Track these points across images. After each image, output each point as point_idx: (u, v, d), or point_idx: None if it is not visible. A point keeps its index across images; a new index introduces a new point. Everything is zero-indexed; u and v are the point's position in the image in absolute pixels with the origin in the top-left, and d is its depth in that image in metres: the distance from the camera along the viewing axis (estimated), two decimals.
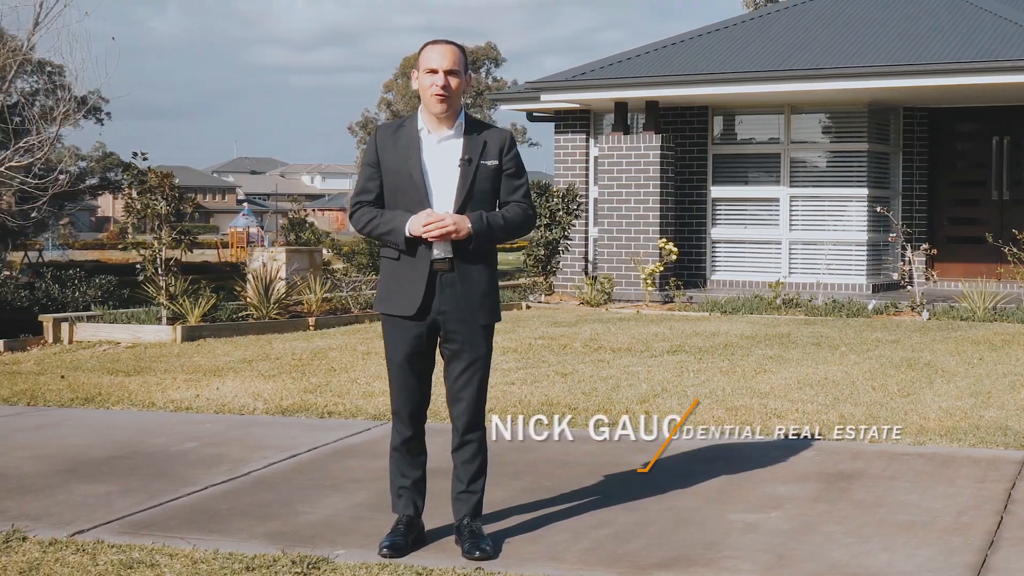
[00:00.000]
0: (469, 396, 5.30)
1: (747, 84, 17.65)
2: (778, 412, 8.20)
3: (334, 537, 5.51)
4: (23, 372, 11.03)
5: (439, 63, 5.17)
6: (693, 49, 19.09)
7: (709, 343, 11.97)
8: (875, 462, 6.76)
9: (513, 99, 21.80)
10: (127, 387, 9.82)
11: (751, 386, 9.27)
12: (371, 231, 5.25)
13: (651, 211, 18.53)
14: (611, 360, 10.86)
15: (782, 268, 18.85)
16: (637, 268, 18.26)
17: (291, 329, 14.31)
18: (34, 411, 9.03)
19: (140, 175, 13.92)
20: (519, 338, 12.67)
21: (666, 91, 18.15)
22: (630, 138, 18.69)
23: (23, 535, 5.58)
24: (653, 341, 12.23)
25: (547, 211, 18.99)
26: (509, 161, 5.31)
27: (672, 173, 18.88)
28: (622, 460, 6.94)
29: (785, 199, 18.96)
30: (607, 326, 13.93)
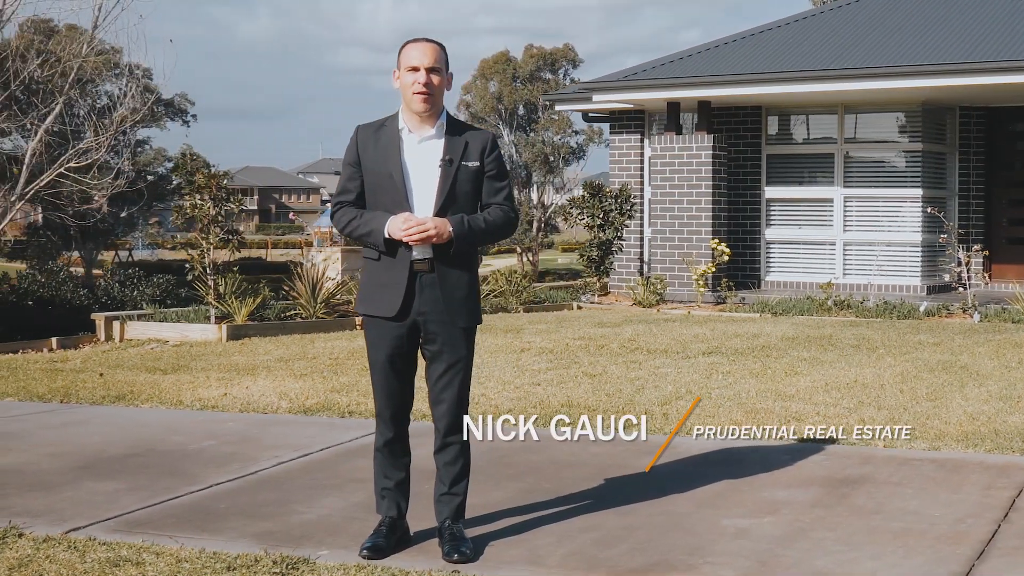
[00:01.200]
0: (450, 398, 5.24)
1: (799, 83, 17.41)
2: (798, 415, 8.05)
3: (322, 537, 5.48)
4: (66, 369, 11.16)
5: (421, 61, 5.11)
6: (745, 49, 18.88)
7: (747, 345, 11.81)
8: (884, 467, 6.60)
9: (567, 99, 21.71)
10: (160, 385, 9.89)
11: (777, 388, 9.11)
12: (351, 232, 5.20)
13: (703, 212, 18.35)
14: (644, 361, 10.74)
15: (836, 269, 18.58)
16: (689, 269, 18.09)
17: (337, 328, 14.34)
18: (66, 408, 9.11)
19: (189, 175, 14.01)
20: (558, 339, 12.59)
21: (717, 91, 17.97)
22: (682, 138, 18.52)
23: (20, 531, 5.61)
24: (691, 342, 12.09)
25: (600, 212, 18.89)
26: (491, 163, 5.23)
27: (725, 173, 18.69)
28: (628, 462, 6.84)
29: (839, 200, 18.67)
30: (650, 327, 13.80)
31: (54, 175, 16.50)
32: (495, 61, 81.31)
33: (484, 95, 73.45)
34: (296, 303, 14.90)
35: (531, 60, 78.71)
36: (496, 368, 10.42)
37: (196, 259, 14.11)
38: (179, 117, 67.49)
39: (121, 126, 16.73)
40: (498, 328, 13.91)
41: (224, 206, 13.68)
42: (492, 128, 79.84)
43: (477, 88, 79.72)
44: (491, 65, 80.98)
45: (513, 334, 13.23)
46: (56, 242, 56.84)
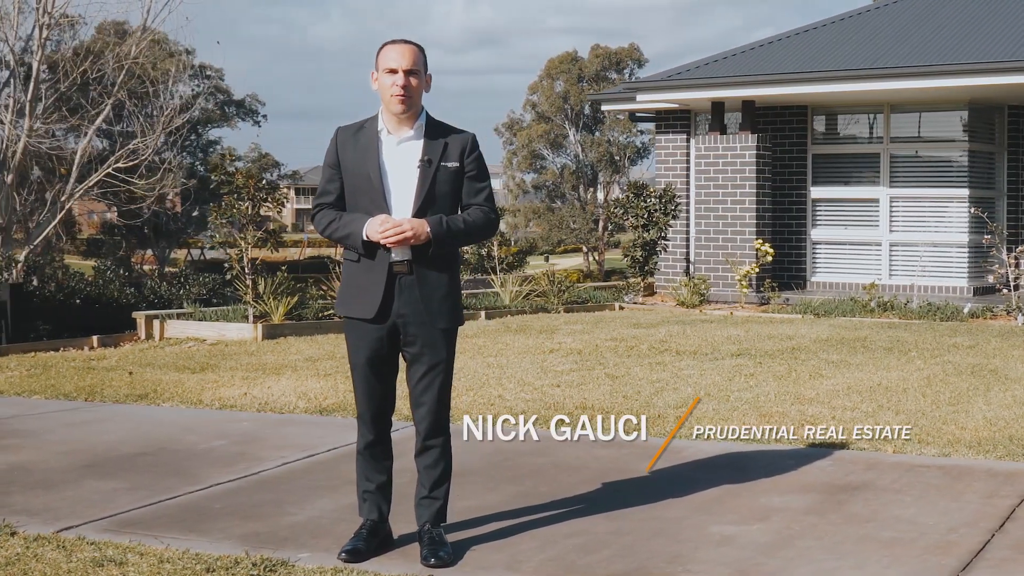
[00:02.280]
0: (430, 401, 5.19)
1: (844, 83, 17.18)
2: (813, 419, 7.91)
3: (306, 539, 5.45)
4: (98, 368, 11.24)
5: (398, 62, 5.06)
6: (789, 48, 18.67)
7: (778, 347, 11.65)
8: (888, 474, 6.46)
9: (613, 99, 21.59)
10: (184, 384, 9.93)
11: (797, 392, 8.97)
12: (331, 234, 5.17)
13: (747, 212, 18.17)
14: (670, 363, 10.63)
15: (882, 270, 18.31)
16: (732, 269, 17.92)
17: None
18: (89, 407, 9.17)
19: (228, 176, 14.08)
20: (590, 340, 12.50)
21: (761, 90, 17.78)
22: (726, 138, 18.35)
23: (13, 529, 5.63)
24: (722, 344, 11.96)
25: (644, 211, 18.77)
26: (471, 163, 5.17)
27: (769, 173, 18.49)
28: (630, 466, 6.76)
29: (885, 200, 18.41)
30: (685, 328, 13.67)
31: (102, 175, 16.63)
32: (561, 61, 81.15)
33: (550, 95, 73.31)
34: (333, 302, 14.90)
35: (596, 60, 78.47)
36: (520, 369, 10.36)
37: (234, 258, 14.18)
38: (250, 117, 68.04)
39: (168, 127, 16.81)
40: (532, 328, 13.85)
41: (262, 205, 13.71)
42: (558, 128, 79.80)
43: (543, 88, 79.56)
44: (557, 65, 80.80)
45: (546, 335, 13.17)
46: (131, 240, 57.60)
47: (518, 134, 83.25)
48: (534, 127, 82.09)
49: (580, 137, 79.13)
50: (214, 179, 13.60)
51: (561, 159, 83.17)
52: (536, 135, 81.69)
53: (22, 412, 8.89)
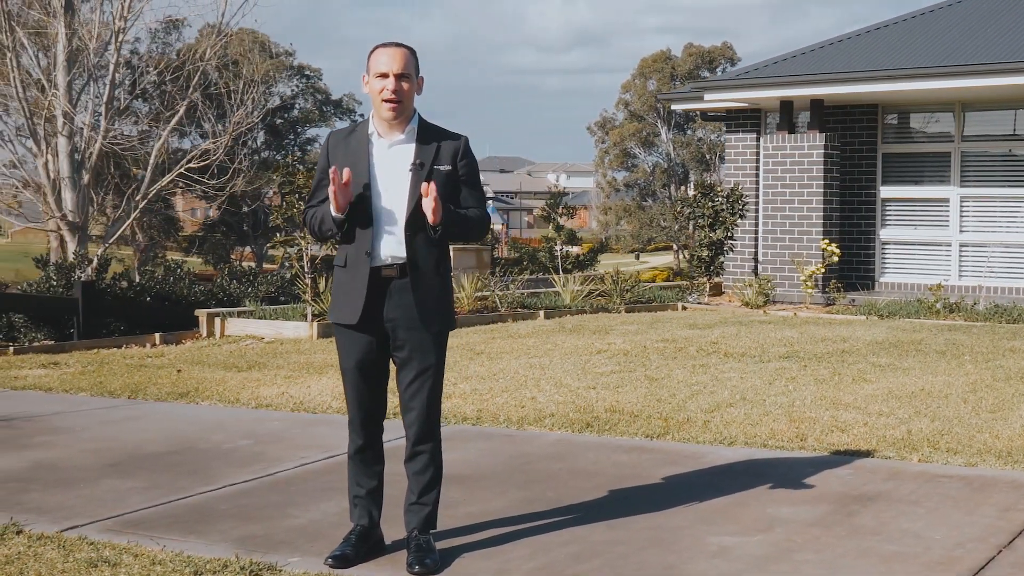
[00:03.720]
0: (419, 406, 5.09)
1: (913, 80, 16.78)
2: (843, 426, 7.69)
3: (302, 543, 5.39)
4: (150, 365, 11.33)
5: (389, 66, 4.97)
6: (858, 46, 18.29)
7: (828, 349, 11.39)
8: (906, 484, 6.24)
9: (682, 99, 21.34)
10: (226, 383, 9.96)
11: (835, 396, 8.74)
12: (314, 229, 5.10)
13: (814, 211, 17.84)
14: (714, 365, 10.44)
15: (951, 271, 17.87)
16: (798, 270, 17.61)
17: None
18: (129, 404, 9.22)
19: (289, 175, 14.11)
20: (641, 341, 12.33)
21: (829, 89, 17.44)
22: (794, 137, 18.03)
23: (19, 528, 5.65)
24: (773, 346, 11.72)
25: (711, 211, 18.52)
26: (463, 167, 5.07)
27: (837, 172, 18.13)
28: (647, 472, 6.61)
29: (955, 199, 17.96)
30: (741, 329, 13.44)
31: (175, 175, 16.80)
32: (654, 60, 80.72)
33: (643, 94, 73.01)
34: None
35: (689, 59, 77.92)
36: (561, 370, 10.24)
37: (294, 257, 14.22)
38: (347, 116, 68.61)
39: (237, 128, 16.93)
40: (586, 329, 13.71)
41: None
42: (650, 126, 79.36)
43: (636, 87, 79.24)
44: (650, 64, 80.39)
45: (599, 335, 13.02)
46: (231, 237, 58.34)
47: (610, 133, 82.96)
48: (626, 126, 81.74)
49: (671, 136, 78.61)
50: (274, 178, 13.61)
51: (652, 157, 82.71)
52: (628, 134, 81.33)
53: (64, 409, 8.97)
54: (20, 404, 9.17)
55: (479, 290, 16.53)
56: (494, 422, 8.14)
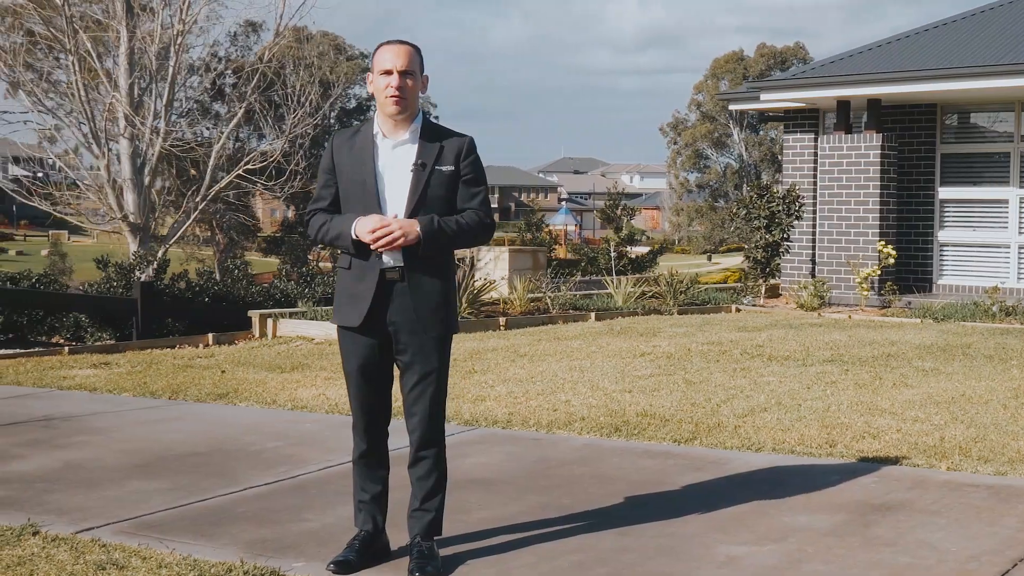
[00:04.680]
0: (421, 411, 5.01)
1: (973, 79, 16.45)
2: (875, 432, 7.51)
3: (310, 548, 5.34)
4: (196, 366, 11.37)
5: (394, 63, 4.89)
6: (916, 45, 17.95)
7: (874, 352, 11.17)
8: (930, 493, 6.06)
9: (739, 99, 21.10)
10: (266, 384, 9.97)
11: (872, 402, 8.55)
12: (322, 238, 5.03)
13: (870, 213, 17.55)
14: (755, 369, 10.27)
15: (1010, 273, 17.49)
16: (853, 272, 17.32)
17: (480, 329, 14.24)
18: (168, 405, 9.25)
19: None
20: (686, 343, 12.18)
21: (886, 88, 17.14)
22: (851, 137, 17.75)
23: (36, 529, 5.65)
24: (818, 349, 11.51)
25: (767, 212, 18.28)
26: (467, 167, 4.98)
27: (894, 173, 17.82)
28: (670, 478, 6.49)
29: (1015, 201, 17.58)
30: (789, 332, 13.24)
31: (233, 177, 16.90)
32: (726, 60, 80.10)
33: (715, 94, 72.69)
34: None
35: (761, 59, 77.20)
36: (599, 373, 10.13)
37: None
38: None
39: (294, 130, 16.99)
40: (634, 331, 13.58)
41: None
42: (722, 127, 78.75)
43: (708, 87, 78.70)
44: (722, 64, 79.74)
45: (646, 337, 12.89)
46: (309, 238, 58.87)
47: (682, 134, 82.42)
48: (698, 127, 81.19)
49: (744, 136, 77.94)
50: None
51: (724, 158, 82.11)
52: (700, 134, 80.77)
53: (104, 410, 9.01)
54: (63, 404, 9.23)
55: (531, 292, 16.46)
56: (524, 425, 8.05)
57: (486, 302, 15.61)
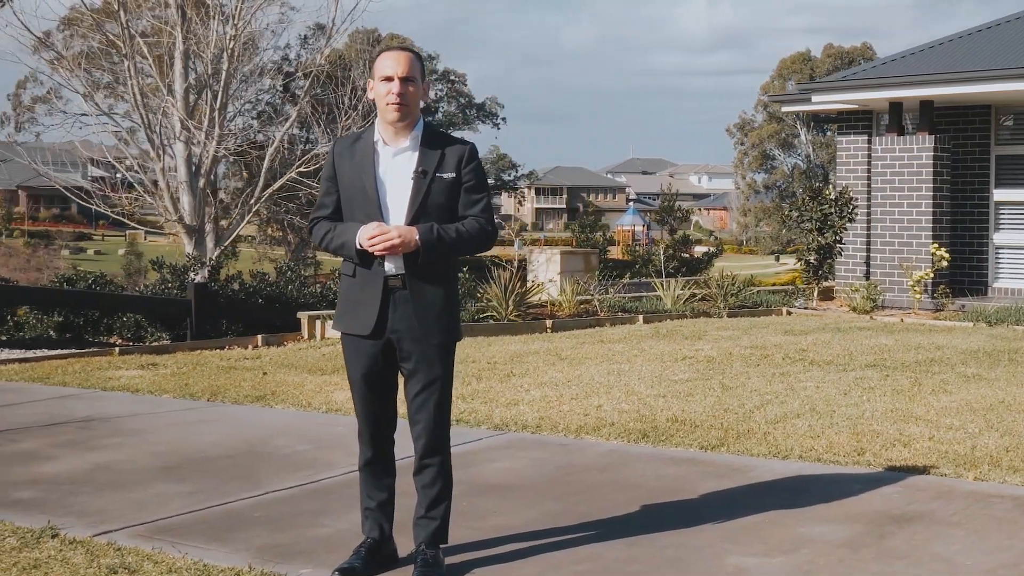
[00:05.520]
0: (425, 419, 4.95)
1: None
2: (906, 440, 7.35)
3: (320, 554, 5.31)
4: (240, 367, 11.41)
5: (394, 69, 4.85)
6: (970, 45, 17.63)
7: (919, 357, 10.97)
8: (953, 504, 5.91)
9: (791, 100, 20.85)
10: (304, 387, 9.97)
11: (908, 409, 8.38)
12: (326, 246, 5.00)
13: (923, 215, 17.26)
14: (794, 373, 10.11)
15: None
16: (906, 274, 17.05)
17: (526, 331, 14.18)
18: (206, 407, 9.28)
19: None
20: (730, 347, 12.04)
21: (939, 89, 16.84)
22: (903, 139, 17.47)
23: (55, 531, 5.67)
24: (862, 354, 11.33)
25: (819, 215, 18.04)
26: (468, 174, 4.92)
27: (948, 175, 17.51)
28: (690, 486, 6.39)
29: None
30: (836, 336, 13.04)
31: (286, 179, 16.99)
32: (793, 61, 79.40)
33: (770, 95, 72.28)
34: (488, 305, 14.82)
35: (828, 60, 76.47)
36: (636, 377, 10.03)
37: None
38: (489, 120, 69.09)
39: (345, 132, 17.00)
40: (679, 334, 13.45)
41: None
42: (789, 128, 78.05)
43: (775, 88, 78.11)
44: (789, 65, 79.06)
45: (690, 341, 12.76)
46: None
47: (749, 134, 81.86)
48: (765, 127, 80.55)
49: (811, 137, 77.24)
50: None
51: (791, 159, 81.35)
52: (766, 135, 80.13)
53: (143, 411, 9.06)
54: (104, 405, 9.30)
55: (579, 294, 16.37)
56: (553, 431, 7.98)
57: (533, 304, 15.54)
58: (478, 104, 69.12)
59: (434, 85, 68.22)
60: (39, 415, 8.84)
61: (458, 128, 68.02)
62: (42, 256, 62.45)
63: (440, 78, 68.70)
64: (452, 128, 67.85)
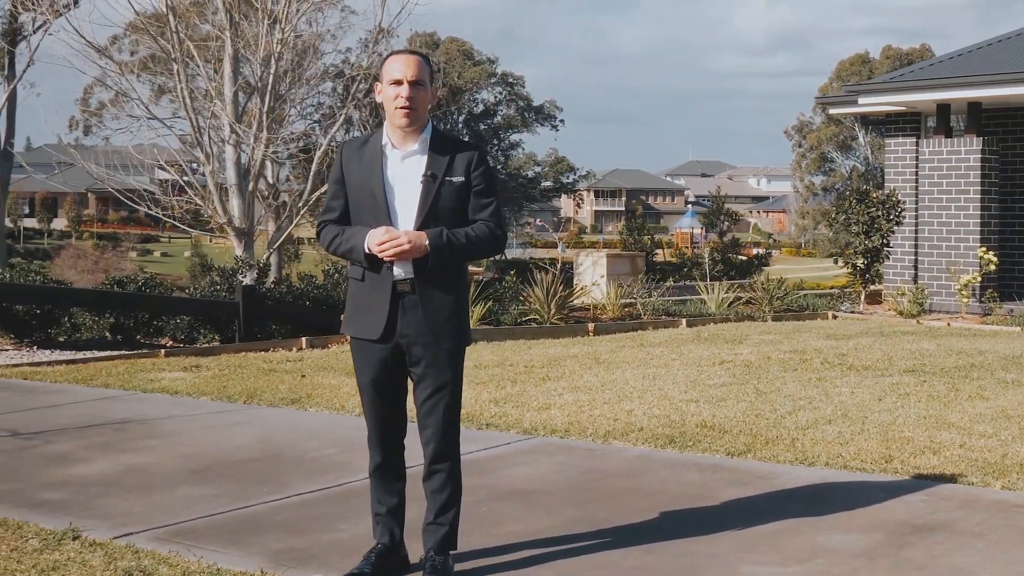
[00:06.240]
0: (435, 424, 4.90)
1: None
2: (936, 447, 7.21)
3: (333, 559, 5.28)
4: (279, 370, 11.43)
5: (403, 73, 4.80)
6: (1018, 46, 17.33)
7: (958, 362, 10.77)
8: (977, 514, 5.77)
9: (837, 102, 20.61)
10: (340, 389, 9.96)
11: (941, 415, 8.22)
12: (335, 250, 4.96)
13: (971, 218, 16.98)
14: (831, 379, 9.97)
15: None
16: (953, 278, 16.78)
17: (568, 334, 14.11)
18: (241, 409, 9.30)
19: None
20: (768, 351, 11.89)
21: (988, 91, 16.58)
22: (951, 142, 17.20)
23: (77, 534, 5.68)
24: (902, 359, 11.15)
25: (866, 218, 17.81)
26: (477, 178, 4.86)
27: (996, 178, 17.22)
28: (712, 493, 6.30)
29: None
30: (878, 340, 12.85)
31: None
32: (851, 63, 78.71)
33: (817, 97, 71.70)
34: (531, 309, 14.76)
35: (887, 62, 75.72)
36: (671, 382, 9.93)
37: None
38: (547, 122, 69.01)
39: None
40: (721, 338, 13.32)
41: None
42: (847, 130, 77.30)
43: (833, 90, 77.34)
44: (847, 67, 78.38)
45: (731, 345, 12.62)
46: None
47: (807, 136, 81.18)
48: (823, 129, 79.84)
49: (869, 139, 76.49)
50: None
51: (850, 161, 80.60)
52: (825, 137, 79.41)
53: (179, 413, 9.09)
54: (142, 407, 9.34)
55: (623, 297, 16.27)
56: (581, 435, 7.91)
57: (577, 307, 15.46)
58: (536, 107, 69.05)
59: (492, 88, 68.17)
60: (78, 416, 8.90)
61: (516, 131, 67.95)
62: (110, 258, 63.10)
63: (498, 81, 68.68)
64: (511, 131, 67.80)
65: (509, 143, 68.50)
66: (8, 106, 36.91)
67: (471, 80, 65.43)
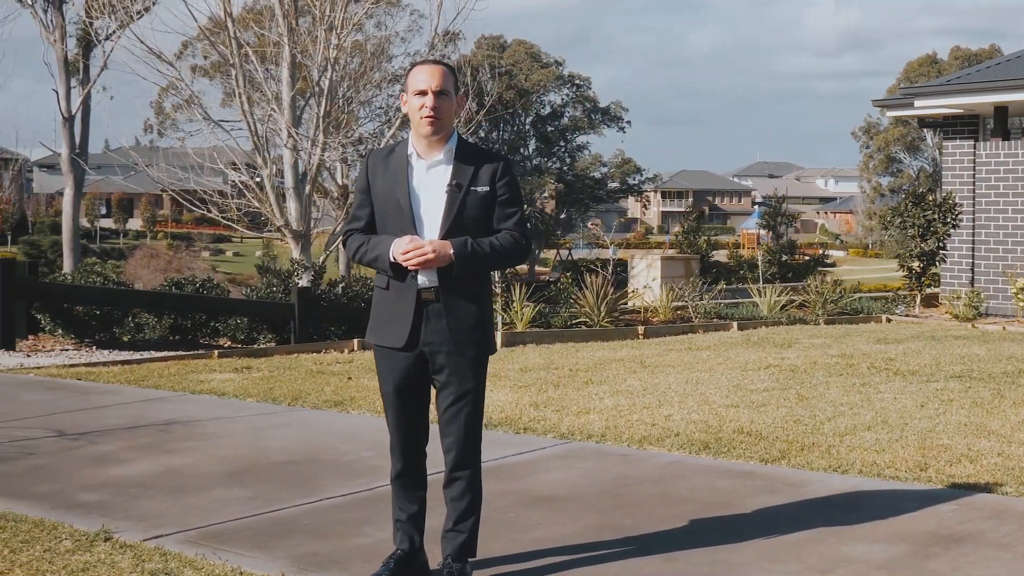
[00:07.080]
0: (456, 432, 4.87)
1: None
2: (974, 456, 7.06)
3: (355, 564, 5.27)
4: (326, 372, 11.47)
5: (428, 83, 4.78)
6: None
7: (1007, 368, 10.57)
8: (1007, 524, 5.64)
9: (893, 105, 20.33)
10: None
11: (983, 423, 8.06)
12: (360, 258, 4.95)
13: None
14: (875, 384, 9.81)
15: None
16: (1009, 282, 16.48)
17: (618, 337, 14.04)
18: (284, 411, 9.34)
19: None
20: (816, 356, 11.74)
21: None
22: (1008, 144, 16.91)
23: (108, 535, 5.72)
24: (950, 364, 10.95)
25: (922, 221, 17.55)
26: (502, 187, 4.83)
27: None
28: (740, 501, 6.21)
29: None
30: (928, 344, 12.64)
31: None
32: (919, 64, 77.73)
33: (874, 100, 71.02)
34: (581, 311, 14.70)
35: (955, 62, 74.75)
36: (713, 386, 9.83)
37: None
38: (614, 124, 68.82)
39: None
40: (770, 342, 13.18)
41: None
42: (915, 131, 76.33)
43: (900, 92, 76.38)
44: (915, 68, 77.42)
45: (779, 349, 12.48)
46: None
47: (874, 138, 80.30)
48: (890, 131, 78.94)
49: (936, 140, 75.55)
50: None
51: (917, 162, 79.57)
52: (892, 139, 78.51)
53: (224, 415, 9.14)
54: (188, 409, 9.41)
55: (675, 300, 16.16)
56: (617, 440, 7.85)
57: (628, 310, 15.38)
58: (603, 108, 68.86)
59: (559, 90, 68.01)
60: (125, 417, 8.99)
61: (583, 132, 67.79)
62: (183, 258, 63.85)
63: (565, 83, 68.55)
64: (578, 132, 67.60)
65: (576, 145, 68.37)
66: (83, 110, 37.53)
67: (538, 82, 65.33)
